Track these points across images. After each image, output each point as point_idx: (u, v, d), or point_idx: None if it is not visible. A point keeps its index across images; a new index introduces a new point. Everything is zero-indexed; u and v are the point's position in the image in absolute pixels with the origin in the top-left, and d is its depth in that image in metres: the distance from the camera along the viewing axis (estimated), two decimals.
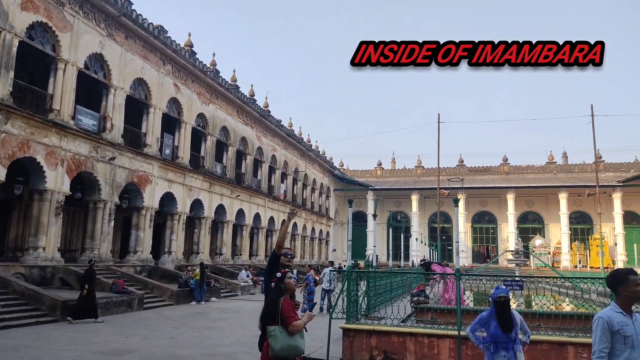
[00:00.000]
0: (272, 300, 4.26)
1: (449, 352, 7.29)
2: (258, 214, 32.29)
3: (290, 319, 4.17)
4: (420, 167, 52.84)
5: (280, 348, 4.04)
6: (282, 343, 4.05)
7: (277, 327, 4.09)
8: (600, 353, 3.33)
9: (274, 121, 34.97)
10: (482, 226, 50.19)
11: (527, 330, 4.95)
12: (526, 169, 49.70)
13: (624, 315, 3.38)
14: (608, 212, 42.22)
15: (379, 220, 47.08)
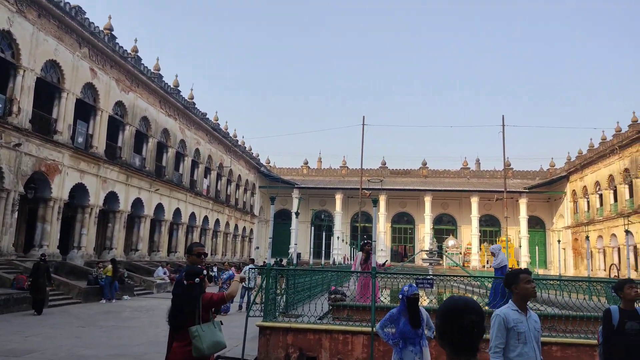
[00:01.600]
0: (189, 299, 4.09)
1: (362, 348, 7.49)
2: (179, 209, 31.30)
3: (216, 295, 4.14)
4: (345, 168, 53.82)
5: (207, 346, 3.94)
6: (208, 341, 3.95)
7: (198, 326, 3.97)
8: (495, 348, 3.56)
9: (199, 114, 34.05)
10: (401, 226, 52.09)
11: (432, 326, 5.20)
12: (443, 174, 52.23)
13: (519, 313, 3.64)
14: (514, 216, 45.55)
15: (304, 218, 47.43)
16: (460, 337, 1.84)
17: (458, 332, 1.84)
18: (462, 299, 1.97)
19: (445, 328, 1.87)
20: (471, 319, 1.85)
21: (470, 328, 1.84)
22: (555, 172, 48.67)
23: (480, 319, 1.88)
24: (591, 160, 40.46)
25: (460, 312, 1.87)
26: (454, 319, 1.86)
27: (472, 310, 1.87)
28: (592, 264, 36.82)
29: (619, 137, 36.14)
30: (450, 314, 1.88)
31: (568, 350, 7.16)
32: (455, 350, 1.85)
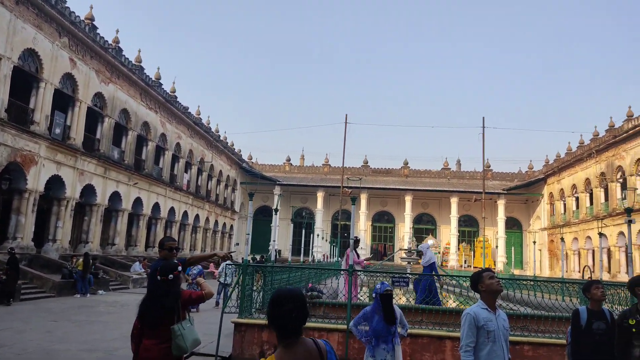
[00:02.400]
0: (170, 296, 3.94)
1: (337, 345, 7.50)
2: (157, 204, 30.93)
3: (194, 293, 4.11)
4: (327, 165, 53.86)
5: (188, 345, 3.86)
6: (190, 339, 3.88)
7: (179, 325, 3.87)
8: (466, 347, 3.60)
9: (181, 107, 33.68)
10: (382, 225, 52.38)
11: (406, 324, 5.24)
12: (424, 173, 52.65)
13: (489, 312, 3.69)
14: (492, 217, 46.14)
15: (285, 215, 47.29)
16: (284, 322, 2.17)
17: (282, 317, 2.16)
18: (288, 289, 2.31)
19: (273, 314, 2.19)
20: (292, 306, 2.16)
21: (291, 314, 2.16)
22: (533, 175, 49.47)
23: (301, 305, 2.20)
24: (569, 164, 41.23)
25: (284, 301, 2.19)
26: (279, 306, 2.18)
27: (295, 299, 2.20)
28: (566, 266, 37.53)
29: (596, 141, 36.89)
30: (276, 302, 2.20)
31: (539, 350, 7.28)
32: (281, 333, 2.19)
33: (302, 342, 2.21)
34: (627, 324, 4.09)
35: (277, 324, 2.18)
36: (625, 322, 4.10)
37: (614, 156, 33.85)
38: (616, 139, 33.16)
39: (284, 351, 2.15)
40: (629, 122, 32.19)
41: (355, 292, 10.48)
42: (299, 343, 2.19)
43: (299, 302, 2.20)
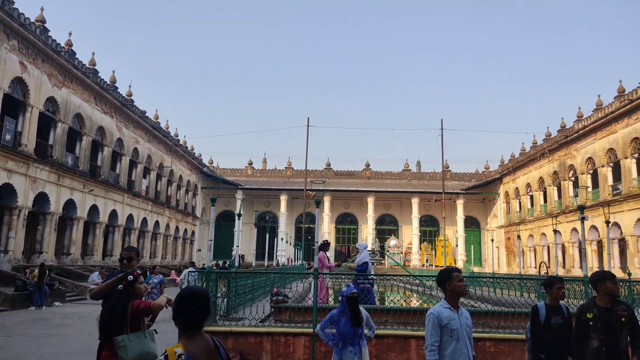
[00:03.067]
0: (119, 306, 3.91)
1: (303, 350, 7.47)
2: (115, 211, 30.03)
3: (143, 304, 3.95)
4: (290, 169, 53.74)
5: (132, 358, 3.74)
6: (134, 352, 3.74)
7: (125, 336, 3.78)
8: (431, 347, 3.65)
9: (138, 111, 32.84)
10: (345, 227, 52.69)
11: (372, 325, 5.27)
12: (385, 175, 53.35)
13: (452, 311, 3.76)
14: (452, 217, 47.24)
15: (248, 220, 46.90)
16: (189, 317, 2.41)
17: (188, 312, 2.41)
18: (194, 288, 2.62)
19: (180, 310, 2.42)
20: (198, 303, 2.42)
21: (197, 310, 2.42)
22: (490, 175, 50.97)
23: (205, 303, 2.46)
24: (523, 163, 42.72)
25: (191, 298, 2.45)
26: (186, 303, 2.43)
27: (200, 297, 2.46)
28: (523, 262, 38.83)
29: (549, 141, 38.39)
30: (184, 299, 2.45)
31: (501, 346, 7.47)
32: (186, 327, 2.41)
33: (202, 335, 2.45)
34: (585, 317, 4.24)
35: (183, 318, 2.41)
36: (584, 316, 4.26)
37: (566, 155, 35.31)
38: (567, 138, 34.60)
39: (188, 341, 2.37)
40: (579, 122, 33.65)
41: (326, 295, 10.50)
42: (200, 335, 2.43)
43: (203, 300, 2.46)
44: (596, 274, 4.50)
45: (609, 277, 4.38)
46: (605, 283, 4.32)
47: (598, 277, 4.42)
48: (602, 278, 4.38)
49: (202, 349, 2.39)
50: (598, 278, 4.42)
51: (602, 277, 4.39)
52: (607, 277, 4.38)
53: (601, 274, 4.46)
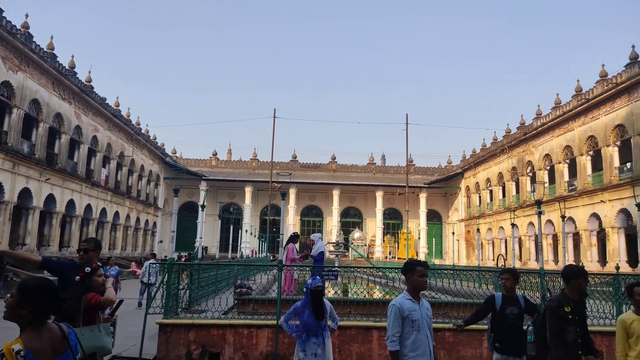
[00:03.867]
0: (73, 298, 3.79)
1: (267, 342, 7.46)
2: (73, 201, 29.06)
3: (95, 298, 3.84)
4: (255, 160, 53.34)
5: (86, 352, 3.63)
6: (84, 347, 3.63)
7: (78, 329, 3.66)
8: (392, 337, 3.72)
9: (98, 98, 31.79)
10: (310, 219, 52.82)
11: (336, 317, 5.31)
12: (351, 168, 53.72)
13: (413, 302, 3.83)
14: (415, 210, 48.09)
15: (211, 211, 46.31)
16: (32, 309, 2.35)
17: (30, 305, 2.35)
18: (37, 278, 2.51)
19: (22, 303, 2.36)
20: (42, 294, 2.39)
21: (41, 302, 2.37)
22: (452, 169, 52.09)
23: (50, 293, 2.43)
24: (483, 159, 43.84)
25: (33, 289, 2.40)
26: (28, 295, 2.37)
27: (44, 287, 2.43)
28: (482, 254, 39.98)
29: (509, 138, 39.50)
30: (25, 291, 2.39)
31: (460, 336, 7.67)
32: (28, 320, 2.36)
33: (47, 326, 2.40)
34: (563, 311, 4.33)
35: (29, 310, 2.35)
36: (562, 310, 4.34)
37: (524, 152, 36.43)
38: (526, 135, 35.69)
39: (30, 335, 2.32)
40: (538, 120, 34.75)
41: (294, 286, 10.48)
42: (45, 327, 2.38)
43: (49, 290, 2.43)
44: (570, 270, 4.57)
45: (582, 274, 4.49)
46: (578, 279, 4.44)
47: (572, 273, 4.50)
48: (577, 275, 4.48)
49: (46, 340, 2.33)
50: (572, 274, 4.49)
51: (577, 273, 4.49)
52: (581, 274, 4.49)
53: (576, 271, 4.55)
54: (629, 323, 4.17)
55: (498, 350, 4.74)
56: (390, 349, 3.72)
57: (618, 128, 26.16)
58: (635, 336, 4.09)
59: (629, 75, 24.92)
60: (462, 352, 7.62)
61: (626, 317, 4.25)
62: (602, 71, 27.56)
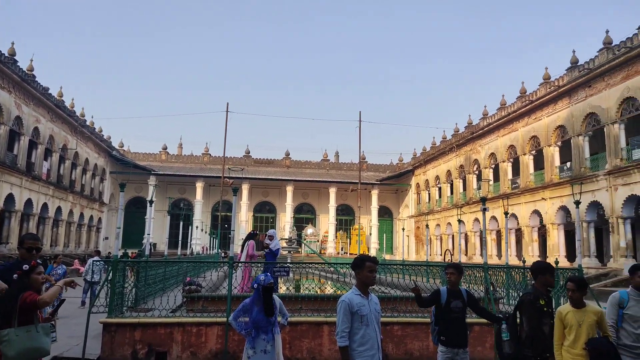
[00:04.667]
0: (8, 297, 3.59)
1: (216, 339, 7.37)
2: (12, 195, 27.50)
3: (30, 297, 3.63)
4: (207, 155, 52.38)
5: (16, 353, 3.44)
6: (19, 347, 3.45)
7: (12, 329, 3.47)
8: (342, 333, 3.75)
9: (40, 88, 30.20)
10: (263, 215, 52.48)
11: (286, 313, 5.30)
12: (304, 164, 53.77)
13: (362, 297, 3.88)
14: (367, 206, 48.77)
15: (161, 207, 45.08)
16: None
17: None
18: None
19: None
20: None
21: None
22: (403, 166, 53.17)
23: None
24: (433, 157, 45.01)
25: None
26: None
27: None
28: (430, 250, 41.09)
29: (457, 137, 40.73)
30: None
31: (407, 329, 7.86)
32: None
33: None
34: (539, 304, 4.46)
35: None
36: (538, 303, 4.48)
37: (471, 150, 37.68)
38: (473, 135, 36.92)
39: None
40: (485, 120, 36.02)
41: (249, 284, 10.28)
42: None
43: None
44: (538, 266, 4.71)
45: (549, 270, 4.67)
46: (545, 275, 4.62)
47: (540, 269, 4.65)
48: (544, 270, 4.64)
49: None
50: (540, 269, 4.65)
51: (545, 269, 4.66)
52: (548, 270, 4.67)
53: (544, 267, 4.71)
54: (564, 314, 4.37)
55: (443, 343, 4.87)
56: (340, 345, 3.75)
57: (559, 129, 27.52)
58: (569, 326, 4.29)
59: (569, 78, 26.24)
60: (410, 345, 7.80)
61: (562, 308, 4.47)
62: (546, 74, 28.88)
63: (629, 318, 4.32)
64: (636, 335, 4.26)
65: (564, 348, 4.33)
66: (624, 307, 4.36)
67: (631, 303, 4.35)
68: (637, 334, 4.26)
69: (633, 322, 4.30)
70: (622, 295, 4.42)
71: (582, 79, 25.08)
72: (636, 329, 4.28)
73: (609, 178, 23.26)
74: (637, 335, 4.26)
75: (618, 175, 22.75)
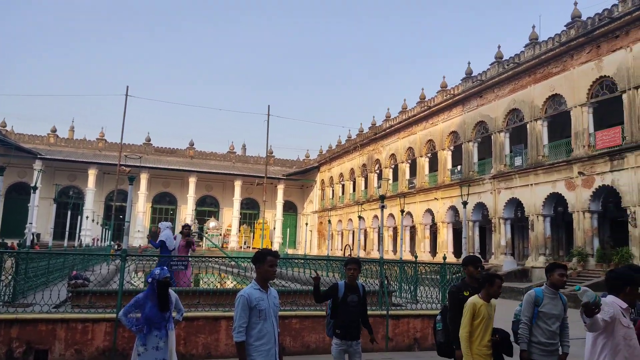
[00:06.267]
0: None
1: (104, 337, 6.96)
2: None
3: None
4: (102, 140, 49.03)
5: None
6: None
7: None
8: (239, 328, 3.69)
9: None
10: (163, 207, 50.35)
11: (181, 308, 5.13)
12: (209, 155, 52.44)
13: (261, 292, 3.85)
14: (272, 201, 48.78)
15: (47, 194, 41.35)
16: None
17: None
18: None
19: None
20: None
21: None
22: (309, 163, 53.96)
23: None
24: (338, 155, 46.20)
25: None
26: None
27: None
28: (332, 244, 42.17)
29: (361, 136, 42.16)
30: None
31: (305, 322, 7.99)
32: None
33: None
34: (462, 295, 4.71)
35: None
36: (461, 294, 4.73)
37: (374, 150, 39.23)
38: (376, 135, 38.47)
39: None
40: (387, 122, 37.67)
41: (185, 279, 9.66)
42: None
43: None
44: (465, 258, 5.04)
45: (471, 261, 4.97)
46: (468, 267, 4.92)
47: (464, 261, 4.97)
48: (466, 262, 4.99)
49: None
50: (464, 262, 4.97)
51: (466, 261, 4.98)
52: (470, 261, 4.97)
53: (466, 259, 5.02)
54: (478, 307, 4.47)
55: (338, 336, 4.97)
56: (236, 340, 3.70)
57: (452, 134, 29.57)
58: (481, 318, 4.44)
59: (464, 88, 28.31)
60: (307, 338, 7.95)
61: (476, 300, 4.53)
62: (443, 82, 30.86)
63: (543, 315, 4.41)
64: (550, 332, 4.41)
65: (473, 340, 4.42)
66: (539, 305, 4.45)
67: (546, 301, 4.45)
68: (551, 330, 4.41)
69: (547, 319, 4.41)
70: (537, 294, 4.50)
71: (475, 89, 27.19)
72: (550, 326, 4.40)
73: (493, 182, 25.46)
74: (552, 332, 4.42)
75: (501, 180, 24.98)
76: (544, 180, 22.40)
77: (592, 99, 20.58)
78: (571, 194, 20.92)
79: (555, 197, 22.11)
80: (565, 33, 21.84)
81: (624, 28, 19.06)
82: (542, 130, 23.03)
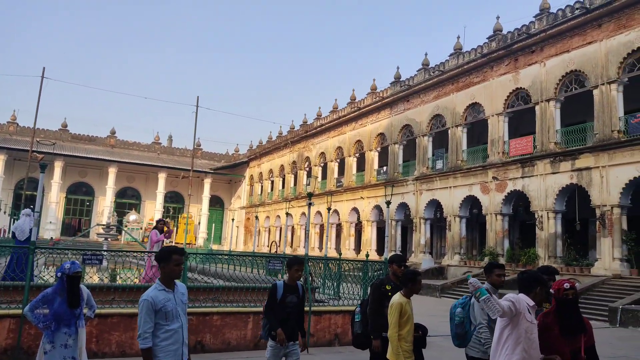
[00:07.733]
0: None
1: (8, 333, 6.50)
2: None
3: None
4: (14, 124, 45.36)
5: None
6: None
7: None
8: (144, 334, 3.51)
9: None
10: (78, 198, 47.50)
11: (93, 304, 4.88)
12: (132, 145, 50.17)
13: (167, 292, 3.69)
14: (198, 195, 47.59)
15: None
16: None
17: None
18: None
19: None
20: None
21: None
22: (239, 157, 53.21)
23: None
24: (268, 151, 45.97)
25: None
26: None
27: None
28: (258, 241, 41.93)
29: (292, 133, 42.22)
30: None
31: (227, 319, 7.90)
32: None
33: None
34: (384, 289, 4.99)
35: None
36: (383, 288, 5.00)
37: (304, 148, 39.45)
38: (307, 133, 38.71)
39: None
40: (318, 120, 38.01)
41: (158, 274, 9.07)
42: None
43: None
44: (392, 256, 5.33)
45: (396, 260, 5.27)
46: (392, 265, 5.23)
47: (389, 259, 5.28)
48: (390, 261, 5.30)
49: None
50: (390, 260, 5.29)
51: (391, 260, 5.30)
52: (395, 260, 5.27)
53: (393, 257, 5.33)
54: (404, 305, 4.57)
55: (273, 338, 4.82)
56: (142, 347, 3.51)
57: (380, 136, 30.43)
58: (407, 316, 4.57)
59: (392, 91, 29.21)
60: (228, 335, 7.87)
61: (401, 300, 4.62)
62: (373, 85, 31.66)
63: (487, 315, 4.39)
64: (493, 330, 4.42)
65: (400, 338, 4.50)
66: None
67: None
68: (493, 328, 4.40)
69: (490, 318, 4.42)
70: None
71: (402, 94, 28.16)
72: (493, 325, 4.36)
73: (416, 183, 26.53)
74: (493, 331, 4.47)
75: (424, 182, 26.08)
76: (462, 183, 23.68)
77: (508, 109, 22.03)
78: (485, 197, 22.28)
79: (471, 199, 23.43)
80: (487, 45, 23.18)
81: (540, 44, 20.56)
82: (462, 136, 24.32)
